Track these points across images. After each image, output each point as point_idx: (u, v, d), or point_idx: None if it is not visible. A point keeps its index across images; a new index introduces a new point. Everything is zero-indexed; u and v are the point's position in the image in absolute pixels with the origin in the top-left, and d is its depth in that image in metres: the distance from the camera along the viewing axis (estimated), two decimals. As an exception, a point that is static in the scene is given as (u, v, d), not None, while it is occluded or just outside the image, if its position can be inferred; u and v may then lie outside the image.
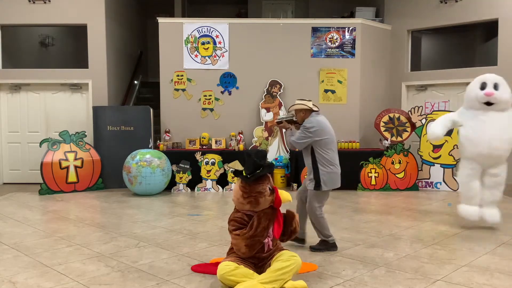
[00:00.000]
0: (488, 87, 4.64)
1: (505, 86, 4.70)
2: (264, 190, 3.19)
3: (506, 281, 3.33)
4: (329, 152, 4.05)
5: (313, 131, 4.01)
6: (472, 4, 8.00)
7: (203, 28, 8.20)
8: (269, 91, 8.21)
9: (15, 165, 8.55)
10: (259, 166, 3.22)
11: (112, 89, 8.70)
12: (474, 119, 4.72)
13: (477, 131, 4.66)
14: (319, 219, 4.07)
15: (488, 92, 4.57)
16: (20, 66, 8.68)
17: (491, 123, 4.63)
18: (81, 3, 8.21)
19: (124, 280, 3.34)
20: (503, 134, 4.62)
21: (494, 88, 4.65)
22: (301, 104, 4.16)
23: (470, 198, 4.90)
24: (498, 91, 4.62)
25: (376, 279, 3.37)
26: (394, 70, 8.93)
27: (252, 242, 3.16)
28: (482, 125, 4.65)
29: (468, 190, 4.90)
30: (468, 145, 4.73)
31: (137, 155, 7.06)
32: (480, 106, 4.69)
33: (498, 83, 4.68)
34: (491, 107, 4.64)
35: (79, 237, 4.58)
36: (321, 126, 4.06)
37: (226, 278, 3.07)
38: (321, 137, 4.04)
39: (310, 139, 4.03)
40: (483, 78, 4.75)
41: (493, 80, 4.70)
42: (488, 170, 4.79)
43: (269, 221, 3.21)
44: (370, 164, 7.63)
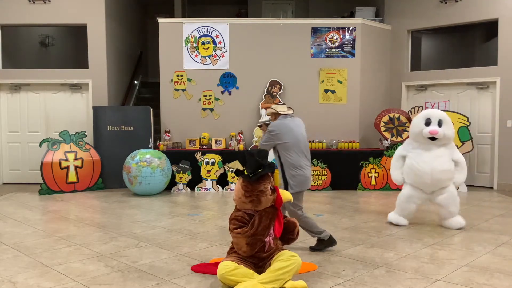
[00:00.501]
0: (432, 124, 4.87)
1: (449, 123, 4.90)
2: (266, 189, 3.20)
3: (506, 281, 3.33)
4: (292, 155, 4.07)
5: (274, 135, 4.09)
6: (472, 4, 8.00)
7: (203, 28, 8.20)
8: (269, 91, 8.21)
9: (15, 165, 8.55)
10: (260, 166, 3.23)
11: (112, 89, 8.70)
12: (418, 152, 4.95)
13: (420, 163, 4.89)
14: (303, 219, 4.08)
15: (432, 131, 4.79)
16: (20, 66, 8.68)
17: (434, 157, 4.87)
18: (81, 3, 8.21)
19: (124, 280, 3.34)
20: (444, 166, 4.86)
21: (438, 124, 4.85)
22: (271, 108, 4.34)
23: (404, 214, 5.10)
24: (442, 128, 4.83)
25: (376, 279, 3.38)
26: (394, 70, 8.94)
27: (253, 241, 3.16)
28: (425, 158, 4.88)
29: (403, 209, 5.09)
30: (412, 175, 4.95)
31: (137, 155, 7.06)
32: (424, 140, 4.91)
33: (442, 119, 4.88)
34: (434, 141, 4.86)
35: (79, 237, 4.58)
36: (282, 130, 4.10)
37: (226, 278, 3.07)
38: (282, 140, 4.08)
39: (272, 142, 4.10)
40: (428, 114, 4.95)
41: (437, 116, 4.90)
42: (434, 194, 5.00)
43: (270, 220, 3.22)
44: (370, 164, 7.63)
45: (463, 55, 9.32)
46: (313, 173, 7.62)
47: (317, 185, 7.63)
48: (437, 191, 4.96)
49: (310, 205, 6.39)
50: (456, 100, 8.33)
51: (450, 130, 4.89)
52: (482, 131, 8.05)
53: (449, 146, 4.96)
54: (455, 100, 8.33)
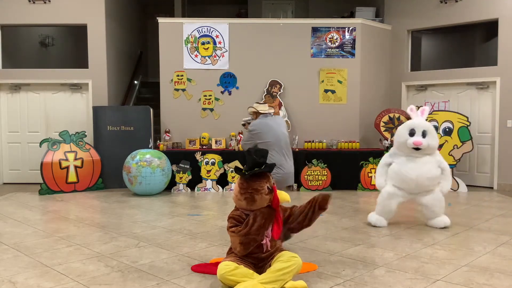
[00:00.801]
0: (416, 134, 4.89)
1: (433, 133, 4.95)
2: (261, 188, 3.19)
3: (506, 281, 3.33)
4: (273, 154, 4.09)
5: (254, 134, 4.13)
6: (472, 4, 8.00)
7: (203, 28, 8.20)
8: (269, 91, 8.21)
9: (15, 165, 8.55)
10: (258, 164, 3.23)
11: (112, 89, 8.70)
12: (403, 160, 4.99)
13: (404, 171, 4.93)
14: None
15: (416, 142, 4.83)
16: (20, 66, 8.68)
17: (420, 164, 4.91)
18: (81, 3, 8.21)
19: (124, 280, 3.34)
20: (431, 173, 4.92)
21: (422, 135, 4.88)
22: (252, 108, 4.37)
23: (384, 213, 5.09)
24: (426, 139, 4.86)
25: (376, 279, 3.38)
26: (394, 70, 8.94)
27: (247, 240, 3.16)
28: (411, 165, 4.92)
29: (384, 206, 5.08)
30: (397, 179, 4.98)
31: (137, 155, 7.06)
32: (408, 150, 4.94)
33: (427, 130, 4.90)
34: (419, 151, 4.90)
35: (79, 237, 4.58)
36: (262, 129, 4.13)
37: (226, 278, 3.07)
38: (262, 139, 4.11)
39: (252, 141, 4.15)
40: (412, 125, 4.97)
41: (422, 127, 4.91)
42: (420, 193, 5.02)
43: (266, 220, 3.20)
44: (370, 164, 7.63)
45: (463, 55, 9.32)
46: (313, 173, 7.62)
47: (317, 185, 7.63)
48: (420, 193, 5.00)
49: (310, 205, 6.39)
50: (456, 100, 8.33)
51: (434, 140, 4.93)
52: (482, 131, 8.05)
53: (433, 154, 5.01)
54: (455, 100, 8.33)
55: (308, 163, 7.63)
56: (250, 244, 3.18)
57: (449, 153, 7.61)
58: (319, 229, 4.90)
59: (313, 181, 7.63)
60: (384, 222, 5.07)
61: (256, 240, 3.19)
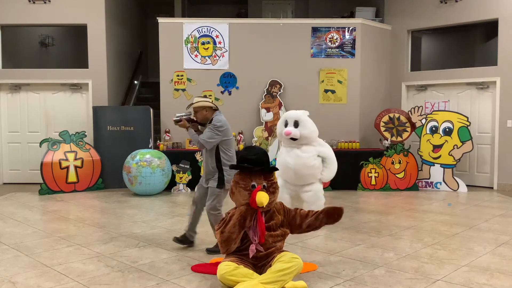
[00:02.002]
0: (288, 125, 5.09)
1: (305, 122, 5.09)
2: (241, 182, 3.26)
3: (506, 281, 3.33)
4: (232, 151, 4.10)
5: (222, 130, 4.00)
6: (472, 4, 8.00)
7: (203, 28, 8.20)
8: (269, 91, 8.21)
9: (15, 165, 8.55)
10: (245, 160, 3.30)
11: (112, 89, 8.70)
12: (284, 151, 5.18)
13: (284, 161, 5.09)
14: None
15: (286, 132, 5.04)
16: (20, 66, 8.68)
17: (296, 155, 5.04)
18: (81, 3, 8.21)
19: (124, 280, 3.34)
20: (308, 163, 5.05)
21: (295, 125, 5.05)
22: (205, 101, 4.12)
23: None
24: (298, 129, 5.03)
25: (376, 279, 3.38)
26: (394, 70, 8.93)
27: (223, 238, 3.18)
28: (291, 154, 5.08)
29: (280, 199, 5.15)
30: (282, 169, 5.07)
31: (137, 155, 7.06)
32: (287, 141, 5.11)
33: (299, 120, 5.08)
34: (296, 141, 5.07)
35: (79, 237, 4.58)
36: (227, 125, 4.10)
37: (226, 278, 3.07)
38: (228, 136, 4.08)
39: (219, 138, 4.00)
40: (286, 116, 5.19)
41: (293, 117, 5.11)
42: (301, 188, 5.17)
43: (241, 217, 3.18)
44: (370, 164, 7.63)
45: (463, 55, 9.32)
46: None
47: (317, 185, 7.62)
48: (304, 187, 5.12)
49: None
50: (456, 100, 8.33)
51: (306, 129, 5.07)
52: (482, 131, 8.05)
53: (315, 144, 5.17)
54: (455, 100, 8.33)
55: (308, 163, 7.62)
56: (228, 242, 3.17)
57: (449, 153, 7.61)
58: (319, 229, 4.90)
59: (313, 181, 7.62)
60: None
61: (232, 238, 3.16)
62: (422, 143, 7.80)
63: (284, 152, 5.18)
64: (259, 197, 3.16)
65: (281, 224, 3.40)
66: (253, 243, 3.21)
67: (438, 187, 7.69)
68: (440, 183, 7.68)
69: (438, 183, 7.68)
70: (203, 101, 4.11)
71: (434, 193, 7.40)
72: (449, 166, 7.64)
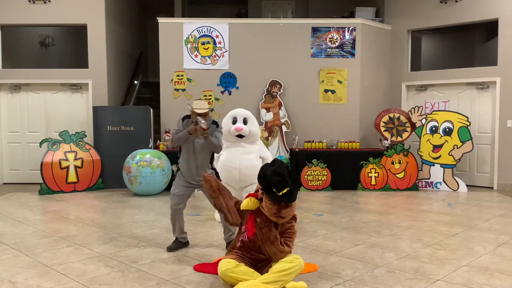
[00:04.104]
0: (238, 122, 5.15)
1: (253, 121, 5.25)
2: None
3: (506, 281, 3.33)
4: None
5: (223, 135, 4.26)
6: (472, 4, 8.00)
7: (203, 28, 8.20)
8: (269, 91, 8.21)
9: (15, 165, 8.54)
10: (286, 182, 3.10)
11: (112, 89, 8.70)
12: (229, 150, 5.16)
13: (231, 160, 5.11)
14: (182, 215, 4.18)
15: (237, 128, 5.09)
16: (20, 66, 8.67)
17: (243, 153, 5.13)
18: (81, 3, 8.21)
19: (124, 280, 3.34)
20: (252, 162, 5.12)
21: (244, 122, 5.14)
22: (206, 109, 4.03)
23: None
24: (247, 126, 5.12)
25: (376, 279, 3.38)
26: (394, 70, 8.93)
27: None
28: (234, 155, 5.12)
29: None
30: (224, 172, 5.07)
31: (137, 155, 7.06)
32: (233, 138, 5.15)
33: (247, 117, 5.19)
34: (242, 139, 5.14)
35: (79, 237, 4.58)
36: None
37: (227, 275, 3.08)
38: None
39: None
40: (234, 113, 5.23)
41: (242, 115, 5.19)
42: (243, 190, 5.19)
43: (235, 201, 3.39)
44: (370, 164, 7.63)
45: (463, 55, 9.31)
46: (313, 173, 7.63)
47: (317, 185, 7.63)
48: (246, 188, 5.13)
49: (310, 205, 6.40)
50: (456, 100, 8.33)
51: (254, 127, 5.19)
52: (482, 131, 8.05)
53: (257, 143, 5.28)
54: (455, 100, 8.33)
55: (308, 163, 7.63)
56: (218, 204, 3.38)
57: (449, 153, 7.61)
58: (319, 229, 4.91)
59: (313, 181, 7.63)
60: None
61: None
62: (422, 143, 7.80)
63: (226, 154, 5.13)
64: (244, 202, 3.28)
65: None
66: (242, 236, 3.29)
67: (438, 187, 7.69)
68: (440, 183, 7.68)
69: (438, 183, 7.69)
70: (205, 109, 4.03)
71: (434, 193, 7.40)
72: (449, 166, 7.64)
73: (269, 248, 3.13)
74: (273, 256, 3.15)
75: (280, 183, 3.03)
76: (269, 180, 3.06)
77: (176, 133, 4.04)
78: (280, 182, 3.03)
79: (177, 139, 4.02)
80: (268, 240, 3.13)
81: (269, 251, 3.14)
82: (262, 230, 3.15)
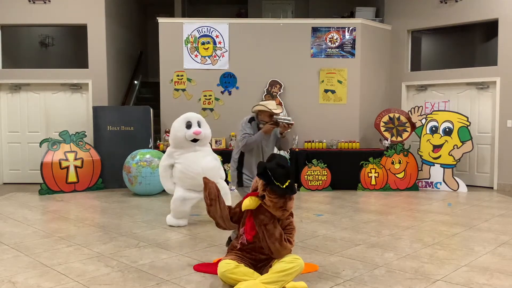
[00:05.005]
0: (194, 125, 5.02)
1: (206, 123, 5.19)
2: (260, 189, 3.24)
3: (506, 281, 3.33)
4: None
5: None
6: (472, 4, 8.00)
7: (203, 28, 8.20)
8: (269, 91, 8.21)
9: (15, 165, 8.54)
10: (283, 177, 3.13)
11: (112, 89, 8.70)
12: (186, 156, 5.04)
13: (192, 166, 4.99)
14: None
15: (196, 131, 4.98)
16: (20, 66, 8.68)
17: (201, 157, 5.03)
18: (81, 3, 8.21)
19: (124, 280, 3.34)
20: (211, 164, 5.09)
21: (198, 125, 5.06)
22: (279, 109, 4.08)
23: (179, 217, 5.11)
24: (202, 129, 5.07)
25: (376, 279, 3.38)
26: (394, 70, 8.93)
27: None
28: (194, 160, 5.01)
29: (179, 212, 5.10)
30: (186, 179, 5.03)
31: (137, 155, 7.06)
32: (188, 144, 5.03)
33: (200, 121, 5.11)
34: (196, 143, 5.05)
35: (79, 237, 4.58)
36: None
37: (227, 276, 3.08)
38: None
39: None
40: (187, 117, 5.07)
41: (196, 118, 5.09)
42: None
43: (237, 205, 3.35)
44: (370, 164, 7.63)
45: (463, 55, 9.31)
46: (313, 173, 7.64)
47: (317, 185, 7.63)
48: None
49: (310, 205, 6.40)
50: (456, 100, 8.33)
51: (207, 129, 5.17)
52: (482, 131, 8.05)
53: (207, 146, 5.23)
54: (455, 100, 8.33)
55: (308, 163, 7.63)
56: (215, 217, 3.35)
57: (449, 153, 7.61)
58: (319, 229, 4.91)
59: (313, 181, 7.63)
60: (184, 221, 5.12)
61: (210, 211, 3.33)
62: (422, 143, 7.80)
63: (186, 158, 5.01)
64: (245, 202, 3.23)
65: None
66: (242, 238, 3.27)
67: (438, 187, 7.69)
68: (440, 183, 7.68)
69: (438, 183, 7.69)
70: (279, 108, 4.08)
71: (434, 193, 7.40)
72: (449, 166, 7.64)
73: (273, 245, 3.12)
74: (275, 254, 3.14)
75: (285, 175, 3.06)
76: (273, 173, 3.06)
77: (247, 136, 3.89)
78: (284, 174, 3.07)
79: (253, 141, 3.91)
80: (273, 237, 3.11)
81: (272, 248, 3.13)
82: (266, 227, 3.13)
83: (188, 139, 4.99)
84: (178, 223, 5.08)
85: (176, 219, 5.10)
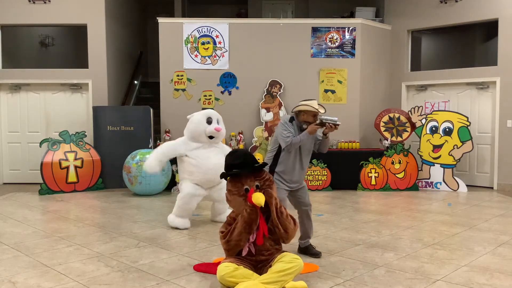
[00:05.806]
0: (214, 122, 5.03)
1: (222, 122, 5.18)
2: (233, 189, 3.24)
3: (506, 281, 3.33)
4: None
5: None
6: (472, 4, 8.00)
7: (203, 28, 8.20)
8: (269, 91, 8.21)
9: (15, 165, 8.55)
10: (232, 166, 3.28)
11: (112, 89, 8.70)
12: (200, 152, 5.02)
13: (204, 160, 4.97)
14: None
15: (218, 128, 5.00)
16: (20, 66, 8.68)
17: (213, 154, 5.02)
18: (81, 3, 8.21)
19: (124, 280, 3.34)
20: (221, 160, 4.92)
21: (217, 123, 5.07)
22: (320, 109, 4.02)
23: (185, 214, 5.04)
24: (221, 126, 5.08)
25: (376, 279, 3.38)
26: (394, 70, 8.94)
27: (229, 247, 3.19)
28: (208, 155, 5.00)
29: (185, 210, 5.02)
30: (197, 173, 4.99)
31: (137, 155, 7.06)
32: (205, 139, 5.03)
33: (219, 119, 5.13)
34: (212, 140, 5.05)
35: (79, 237, 4.58)
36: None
37: (226, 280, 3.06)
38: None
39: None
40: (209, 113, 5.08)
41: (216, 115, 5.10)
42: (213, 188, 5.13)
43: (246, 224, 3.15)
44: (370, 164, 7.63)
45: (463, 55, 9.32)
46: (313, 173, 7.64)
47: (317, 185, 7.63)
48: (213, 187, 5.11)
49: (310, 205, 6.39)
50: (456, 100, 8.33)
51: (224, 129, 5.15)
52: (482, 131, 8.05)
53: (222, 145, 5.26)
54: (455, 100, 8.33)
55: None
56: (234, 249, 3.19)
57: (449, 153, 7.61)
58: (319, 229, 4.91)
59: (313, 181, 7.63)
60: (188, 223, 5.04)
61: (240, 245, 3.17)
62: (422, 143, 7.80)
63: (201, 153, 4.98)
64: (255, 199, 3.11)
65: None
66: (248, 242, 3.21)
67: (438, 187, 7.69)
68: (440, 183, 7.68)
69: (438, 183, 7.69)
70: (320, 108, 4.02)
71: (434, 193, 7.40)
72: (449, 166, 7.64)
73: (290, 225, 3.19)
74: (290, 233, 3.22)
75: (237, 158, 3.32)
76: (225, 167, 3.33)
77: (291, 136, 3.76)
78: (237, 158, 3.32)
79: (299, 141, 3.79)
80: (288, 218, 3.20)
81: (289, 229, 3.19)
82: (281, 209, 3.20)
83: (207, 135, 4.99)
84: (185, 225, 4.97)
85: (180, 218, 4.99)
